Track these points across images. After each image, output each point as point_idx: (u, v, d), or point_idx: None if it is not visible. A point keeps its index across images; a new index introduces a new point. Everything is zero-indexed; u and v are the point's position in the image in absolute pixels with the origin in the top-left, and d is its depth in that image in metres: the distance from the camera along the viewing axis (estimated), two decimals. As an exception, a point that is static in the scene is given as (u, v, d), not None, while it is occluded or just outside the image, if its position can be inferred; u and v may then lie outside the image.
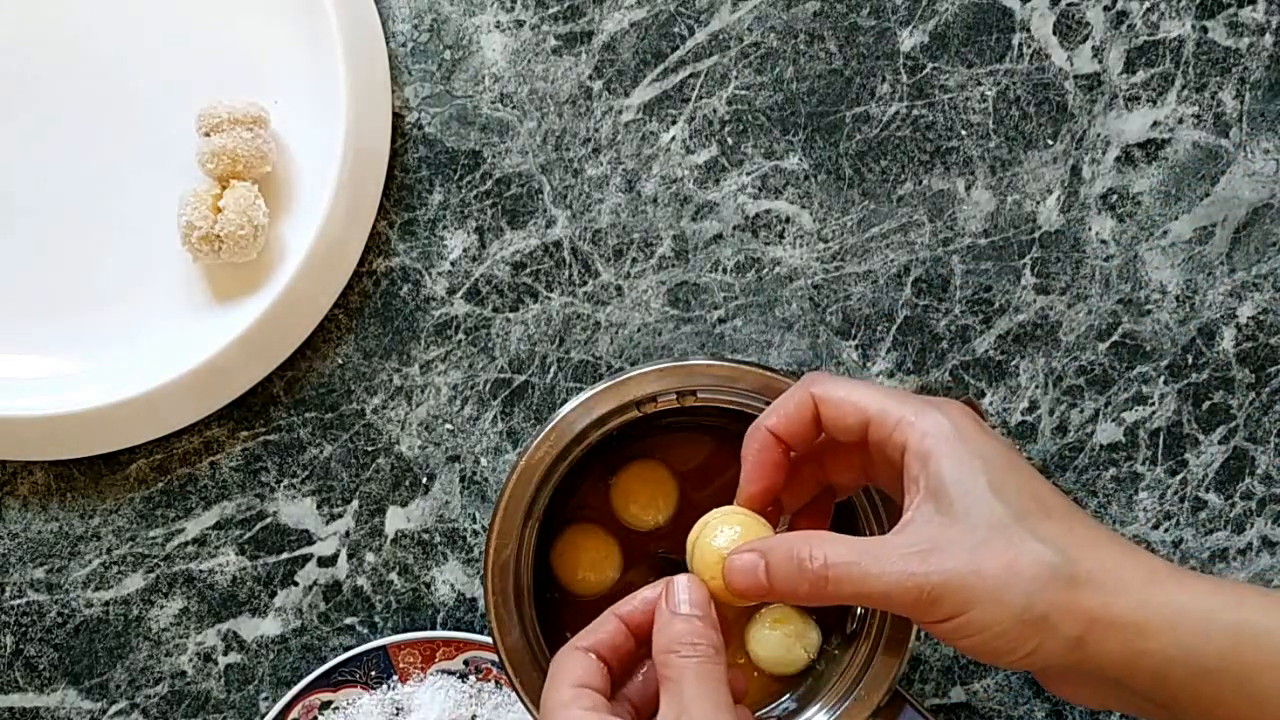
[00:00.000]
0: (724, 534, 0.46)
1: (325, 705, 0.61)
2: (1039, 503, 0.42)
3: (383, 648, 0.61)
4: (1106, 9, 0.63)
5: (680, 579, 0.45)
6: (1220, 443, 0.63)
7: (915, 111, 0.64)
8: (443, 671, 0.61)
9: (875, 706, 0.53)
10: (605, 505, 0.59)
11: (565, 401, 0.55)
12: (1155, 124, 0.63)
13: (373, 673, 0.61)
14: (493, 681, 0.61)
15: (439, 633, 0.61)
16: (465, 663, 0.61)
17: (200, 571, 0.63)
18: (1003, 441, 0.44)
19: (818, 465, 0.49)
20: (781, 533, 0.46)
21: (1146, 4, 0.64)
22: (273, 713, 0.60)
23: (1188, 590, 0.40)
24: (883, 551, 0.41)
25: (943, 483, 0.41)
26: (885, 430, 0.44)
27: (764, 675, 0.58)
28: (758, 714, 0.56)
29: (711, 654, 0.43)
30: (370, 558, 0.63)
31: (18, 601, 0.63)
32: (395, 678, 0.61)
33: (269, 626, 0.62)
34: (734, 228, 0.63)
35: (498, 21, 0.64)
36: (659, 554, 0.59)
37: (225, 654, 0.62)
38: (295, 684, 0.62)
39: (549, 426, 0.54)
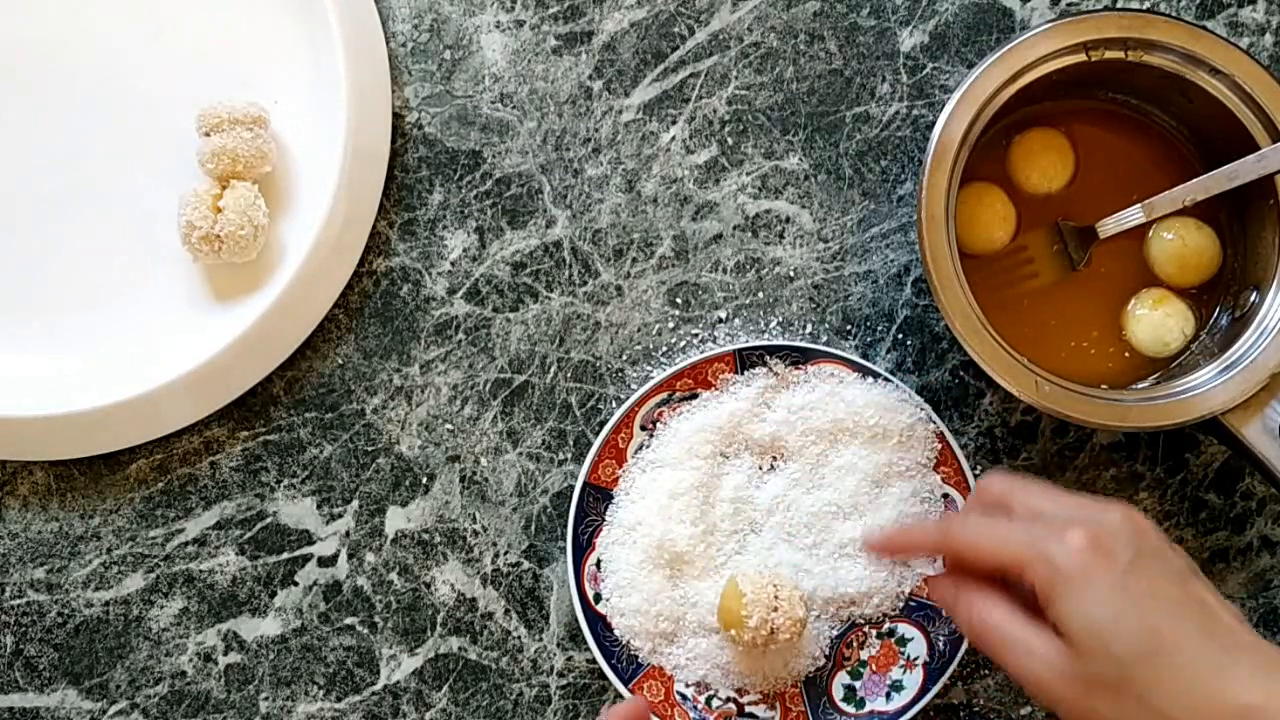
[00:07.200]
0: None
1: None
2: (1156, 640, 0.44)
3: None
4: (1107, 9, 0.63)
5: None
6: (1220, 442, 0.63)
7: (915, 111, 0.64)
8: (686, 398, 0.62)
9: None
10: (1000, 168, 0.60)
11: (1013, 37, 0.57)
12: (1155, 124, 0.63)
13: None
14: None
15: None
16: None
17: (200, 571, 0.63)
18: (1147, 559, 0.46)
19: None
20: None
21: (1147, 4, 0.64)
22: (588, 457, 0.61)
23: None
24: (1026, 654, 0.46)
25: (1065, 626, 0.45)
26: (1015, 574, 0.47)
27: (1136, 355, 0.59)
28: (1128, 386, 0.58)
29: None
30: (370, 558, 0.63)
31: (18, 601, 0.63)
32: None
33: (269, 626, 0.62)
34: (734, 228, 0.63)
35: (498, 21, 0.64)
36: (1058, 222, 0.60)
37: (225, 654, 0.62)
38: (294, 683, 0.62)
39: (996, 56, 0.55)
